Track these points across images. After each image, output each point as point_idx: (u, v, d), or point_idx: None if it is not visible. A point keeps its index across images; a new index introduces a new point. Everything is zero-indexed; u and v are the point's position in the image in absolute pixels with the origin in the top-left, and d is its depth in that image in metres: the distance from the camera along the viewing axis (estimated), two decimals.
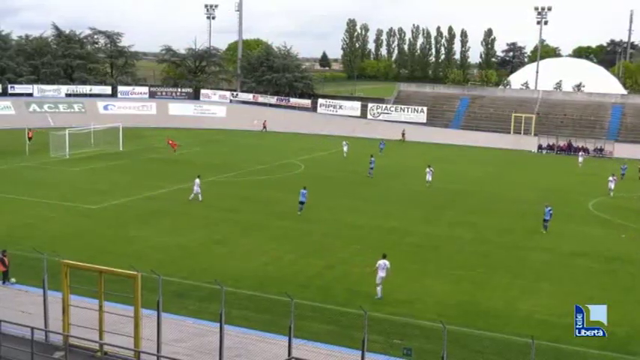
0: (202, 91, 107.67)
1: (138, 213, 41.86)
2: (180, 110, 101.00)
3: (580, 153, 76.94)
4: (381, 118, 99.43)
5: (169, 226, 38.68)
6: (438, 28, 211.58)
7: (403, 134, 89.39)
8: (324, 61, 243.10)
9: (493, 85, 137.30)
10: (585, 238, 39.71)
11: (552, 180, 61.88)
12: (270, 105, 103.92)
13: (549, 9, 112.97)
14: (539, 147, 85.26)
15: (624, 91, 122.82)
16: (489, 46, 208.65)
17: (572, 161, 73.85)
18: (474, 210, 46.57)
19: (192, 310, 24.86)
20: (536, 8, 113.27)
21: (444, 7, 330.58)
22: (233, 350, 20.99)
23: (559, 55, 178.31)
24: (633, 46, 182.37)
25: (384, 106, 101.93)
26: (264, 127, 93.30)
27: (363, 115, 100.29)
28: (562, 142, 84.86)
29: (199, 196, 45.05)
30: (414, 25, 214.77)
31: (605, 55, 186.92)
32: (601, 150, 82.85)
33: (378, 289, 27.23)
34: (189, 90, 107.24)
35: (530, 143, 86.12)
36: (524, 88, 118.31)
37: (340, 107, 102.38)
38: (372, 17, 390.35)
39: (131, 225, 38.81)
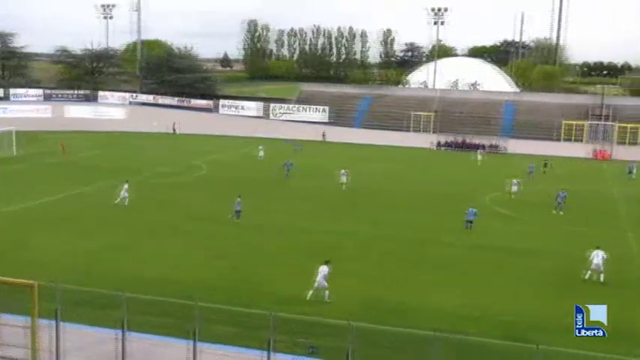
0: (100, 92, 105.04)
1: (37, 219, 40.35)
2: (78, 113, 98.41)
3: (479, 150, 79.39)
4: (283, 118, 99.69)
5: (71, 232, 37.44)
6: (339, 29, 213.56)
7: (324, 135, 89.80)
8: (226, 61, 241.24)
9: (394, 85, 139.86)
10: (489, 231, 40.92)
11: (453, 176, 63.75)
12: (171, 106, 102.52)
13: (445, 9, 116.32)
14: (438, 144, 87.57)
15: (517, 89, 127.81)
16: (388, 46, 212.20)
17: (470, 157, 76.12)
18: (383, 207, 47.29)
19: (93, 318, 24.14)
20: (433, 9, 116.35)
21: (344, 8, 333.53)
22: (136, 356, 20.60)
23: (455, 55, 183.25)
24: (524, 45, 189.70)
25: (286, 105, 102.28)
26: (174, 129, 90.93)
27: (266, 115, 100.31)
28: (459, 139, 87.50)
29: (126, 200, 44.08)
30: (314, 25, 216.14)
31: (499, 55, 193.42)
32: (496, 146, 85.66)
33: (326, 292, 27.24)
34: (87, 92, 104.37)
35: (429, 141, 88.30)
36: (422, 87, 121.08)
37: (242, 108, 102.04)
38: (273, 18, 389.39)
39: (30, 232, 37.35)
